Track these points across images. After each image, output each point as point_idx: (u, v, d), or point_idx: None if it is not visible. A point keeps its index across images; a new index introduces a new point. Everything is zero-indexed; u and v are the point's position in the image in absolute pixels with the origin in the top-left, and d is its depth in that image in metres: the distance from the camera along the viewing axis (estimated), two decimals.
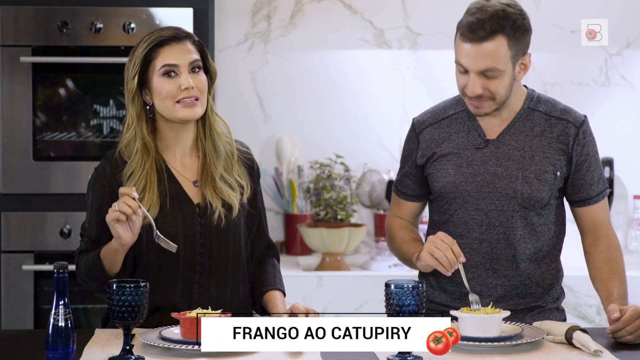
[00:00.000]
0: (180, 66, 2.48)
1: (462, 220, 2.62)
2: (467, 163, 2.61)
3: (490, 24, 2.46)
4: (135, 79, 2.48)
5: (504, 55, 2.49)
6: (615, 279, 2.55)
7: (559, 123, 2.60)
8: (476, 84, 2.50)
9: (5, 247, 3.70)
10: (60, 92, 3.76)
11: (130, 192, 2.33)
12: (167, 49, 2.49)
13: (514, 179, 2.58)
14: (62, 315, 2.09)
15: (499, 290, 2.61)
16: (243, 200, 2.58)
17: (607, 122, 4.26)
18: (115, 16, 3.69)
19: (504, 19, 2.47)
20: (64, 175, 3.70)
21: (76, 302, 3.69)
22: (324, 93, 4.25)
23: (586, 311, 3.81)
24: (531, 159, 2.58)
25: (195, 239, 2.52)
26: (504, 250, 2.60)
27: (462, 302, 2.61)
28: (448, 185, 2.61)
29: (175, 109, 2.48)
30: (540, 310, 2.64)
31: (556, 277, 2.68)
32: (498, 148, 2.60)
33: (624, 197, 4.29)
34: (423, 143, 2.67)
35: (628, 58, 4.28)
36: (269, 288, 2.59)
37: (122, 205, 2.32)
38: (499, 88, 2.51)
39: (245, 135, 4.06)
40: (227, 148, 2.58)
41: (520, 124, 2.61)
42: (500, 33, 2.47)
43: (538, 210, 2.60)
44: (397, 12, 4.24)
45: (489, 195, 2.59)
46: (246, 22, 4.21)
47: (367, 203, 4.21)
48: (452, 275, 2.54)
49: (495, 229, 2.60)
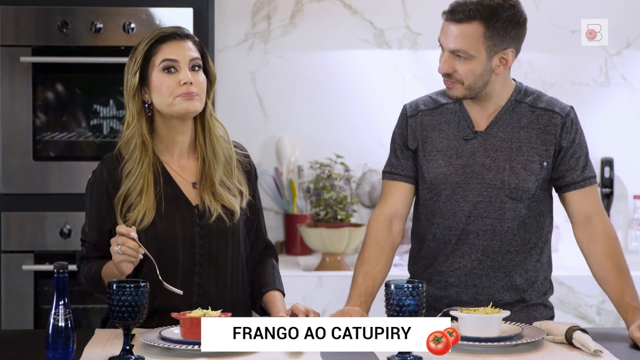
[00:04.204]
0: (180, 62, 2.48)
1: (451, 212, 2.63)
2: (456, 154, 2.63)
3: (470, 9, 2.52)
4: (136, 75, 2.48)
5: (476, 41, 2.52)
6: (621, 277, 2.54)
7: (545, 114, 2.62)
8: (447, 62, 2.56)
9: (5, 247, 3.70)
10: (60, 92, 3.76)
11: (128, 232, 2.32)
12: (167, 45, 2.49)
13: (502, 170, 2.59)
14: (62, 315, 2.09)
15: (483, 281, 2.62)
16: (242, 205, 2.58)
17: (607, 122, 4.27)
18: (115, 16, 3.69)
19: (487, 7, 2.52)
20: (64, 175, 3.70)
21: (76, 302, 3.69)
22: (324, 93, 4.25)
23: (586, 311, 3.81)
24: (518, 150, 2.60)
25: (195, 240, 2.52)
26: (491, 242, 2.61)
27: (446, 292, 2.63)
28: (439, 176, 2.63)
29: (174, 102, 2.47)
30: (524, 306, 2.64)
31: (542, 270, 2.67)
32: (486, 140, 2.62)
33: (624, 197, 4.29)
34: (412, 126, 2.68)
35: (628, 58, 4.28)
36: (268, 289, 2.59)
37: (125, 249, 2.31)
38: (467, 72, 2.55)
39: (245, 135, 4.07)
40: (226, 152, 2.58)
41: (507, 116, 2.63)
42: (477, 19, 2.51)
43: (526, 202, 2.61)
44: (397, 12, 4.24)
45: (477, 187, 2.61)
46: (246, 22, 4.21)
47: (367, 203, 4.22)
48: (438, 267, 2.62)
49: (483, 220, 2.61)
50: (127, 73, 2.52)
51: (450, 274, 2.64)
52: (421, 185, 2.69)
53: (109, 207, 2.51)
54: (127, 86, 2.51)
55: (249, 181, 2.63)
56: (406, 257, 2.87)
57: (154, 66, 2.49)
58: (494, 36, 2.53)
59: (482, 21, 2.51)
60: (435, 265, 2.66)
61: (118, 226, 2.35)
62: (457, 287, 2.63)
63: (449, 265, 2.64)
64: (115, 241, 2.33)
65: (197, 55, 2.51)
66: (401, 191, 2.71)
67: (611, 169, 4.21)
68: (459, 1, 2.54)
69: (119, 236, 2.33)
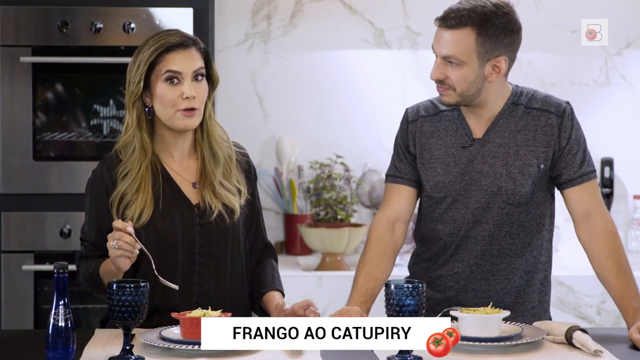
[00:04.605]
0: (184, 74, 2.47)
1: (452, 219, 2.63)
2: (454, 162, 2.63)
3: (462, 15, 2.52)
4: (140, 83, 2.47)
5: (467, 48, 2.52)
6: (621, 277, 2.53)
7: (540, 115, 2.62)
8: (438, 68, 2.57)
9: (5, 247, 3.70)
10: (60, 92, 3.76)
11: (124, 227, 2.32)
12: (172, 55, 2.47)
13: (499, 176, 2.60)
14: (62, 315, 2.09)
15: (482, 284, 2.62)
16: (241, 203, 2.58)
17: (607, 122, 4.27)
18: (115, 16, 3.69)
19: (479, 14, 2.52)
20: (64, 175, 3.70)
21: (76, 302, 3.69)
22: (324, 93, 4.25)
23: (586, 311, 3.81)
24: (515, 154, 2.60)
25: (195, 239, 2.52)
26: (489, 246, 2.61)
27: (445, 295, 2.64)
28: (439, 184, 2.63)
29: (175, 117, 2.48)
30: (522, 307, 2.64)
31: (542, 270, 2.67)
32: (483, 146, 2.62)
33: (624, 197, 4.29)
34: (413, 132, 2.68)
35: (628, 58, 4.28)
36: (268, 289, 2.59)
37: (121, 244, 2.31)
38: (459, 79, 2.55)
39: (245, 135, 4.07)
40: (226, 153, 2.58)
41: (503, 121, 2.62)
42: (468, 26, 2.52)
43: (524, 206, 2.61)
44: (397, 12, 4.24)
45: (475, 193, 2.61)
46: (246, 22, 4.21)
47: (367, 203, 4.21)
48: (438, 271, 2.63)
49: (481, 225, 2.61)
50: (130, 77, 2.50)
51: (450, 278, 2.64)
52: (423, 192, 2.69)
53: (108, 206, 2.51)
54: (129, 91, 2.50)
55: (247, 179, 2.63)
56: (406, 257, 2.87)
57: (157, 75, 2.48)
58: (486, 43, 2.52)
59: (474, 27, 2.51)
60: (435, 269, 2.66)
61: (114, 221, 2.35)
62: (456, 291, 2.64)
63: (448, 269, 2.64)
64: (112, 236, 2.33)
65: (201, 65, 2.50)
66: (404, 195, 2.70)
67: (611, 169, 4.21)
68: (452, 7, 2.55)
69: (115, 231, 2.33)
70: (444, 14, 2.55)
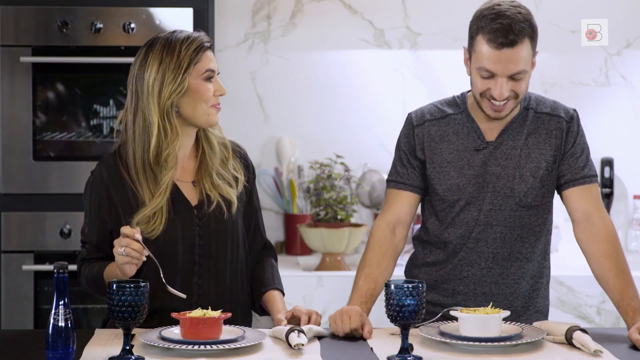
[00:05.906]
0: (214, 72, 2.52)
1: (464, 221, 2.62)
2: (468, 165, 2.62)
3: (517, 28, 2.48)
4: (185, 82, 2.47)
5: (528, 57, 2.52)
6: (620, 277, 2.53)
7: (551, 119, 2.63)
8: (505, 87, 2.52)
9: (5, 247, 3.70)
10: (60, 92, 3.76)
11: (132, 234, 2.32)
12: (206, 54, 2.51)
13: (511, 178, 2.60)
14: (62, 315, 2.09)
15: (492, 288, 2.62)
16: (239, 189, 2.58)
17: (607, 122, 4.27)
18: (115, 16, 3.69)
19: (523, 21, 2.50)
20: (63, 175, 3.70)
21: (76, 302, 3.69)
22: (324, 93, 4.26)
23: (586, 311, 3.81)
24: (527, 157, 2.61)
25: (194, 240, 2.52)
26: (500, 249, 2.61)
27: (453, 300, 2.63)
28: (452, 187, 2.62)
29: (209, 112, 2.50)
30: (527, 312, 2.66)
31: (546, 275, 2.70)
32: (497, 149, 2.62)
33: (624, 197, 4.30)
34: (420, 137, 2.67)
35: (628, 58, 4.28)
36: (268, 288, 2.59)
37: (129, 251, 2.31)
38: (522, 88, 2.55)
39: (245, 135, 4.08)
40: (220, 141, 2.59)
41: (516, 125, 2.63)
42: (526, 35, 2.50)
43: (534, 210, 2.61)
44: (397, 12, 4.24)
45: (489, 195, 2.60)
46: (246, 22, 4.21)
47: (367, 203, 4.22)
48: (446, 275, 2.62)
49: (493, 228, 2.61)
50: (165, 80, 2.47)
51: (459, 282, 2.63)
52: (433, 196, 2.68)
53: (109, 207, 2.50)
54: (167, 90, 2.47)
55: (246, 169, 2.63)
56: (407, 257, 2.86)
57: (197, 74, 2.49)
58: (534, 45, 2.54)
59: (528, 36, 2.50)
60: (443, 272, 2.65)
61: (122, 227, 2.34)
62: (465, 295, 2.63)
63: (457, 273, 2.64)
64: (119, 242, 2.32)
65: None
66: (406, 200, 2.69)
67: (611, 169, 4.21)
68: (503, 24, 2.48)
69: (123, 238, 2.33)
70: (499, 33, 2.48)
